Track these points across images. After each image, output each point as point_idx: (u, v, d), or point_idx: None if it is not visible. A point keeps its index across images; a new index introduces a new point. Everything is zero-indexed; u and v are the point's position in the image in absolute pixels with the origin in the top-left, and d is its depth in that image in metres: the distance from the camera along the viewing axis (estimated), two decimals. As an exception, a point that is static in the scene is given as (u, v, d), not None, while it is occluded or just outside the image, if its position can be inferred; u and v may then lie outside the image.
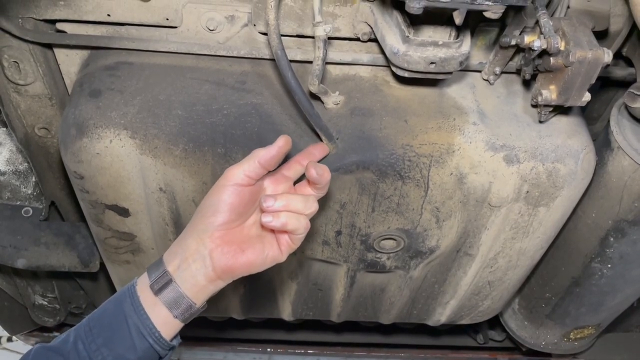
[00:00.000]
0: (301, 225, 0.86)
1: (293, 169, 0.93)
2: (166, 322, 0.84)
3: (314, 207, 0.88)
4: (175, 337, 0.87)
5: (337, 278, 1.33)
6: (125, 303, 0.83)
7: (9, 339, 2.09)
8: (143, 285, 0.84)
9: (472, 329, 2.06)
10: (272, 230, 0.89)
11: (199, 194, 1.06)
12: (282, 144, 0.84)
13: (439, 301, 1.43)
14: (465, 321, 1.53)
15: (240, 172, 0.84)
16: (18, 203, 1.45)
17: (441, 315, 1.49)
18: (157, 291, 0.83)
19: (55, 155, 1.28)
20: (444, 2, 0.78)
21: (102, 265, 1.45)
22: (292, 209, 0.85)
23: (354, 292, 1.38)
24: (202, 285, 0.85)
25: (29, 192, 1.46)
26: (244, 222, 0.88)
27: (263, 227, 0.88)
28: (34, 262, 1.44)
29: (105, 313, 0.85)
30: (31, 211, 1.44)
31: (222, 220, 0.84)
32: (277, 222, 0.84)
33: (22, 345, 1.99)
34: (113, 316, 0.84)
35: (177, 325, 0.85)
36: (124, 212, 1.09)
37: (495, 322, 1.81)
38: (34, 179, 1.45)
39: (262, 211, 0.85)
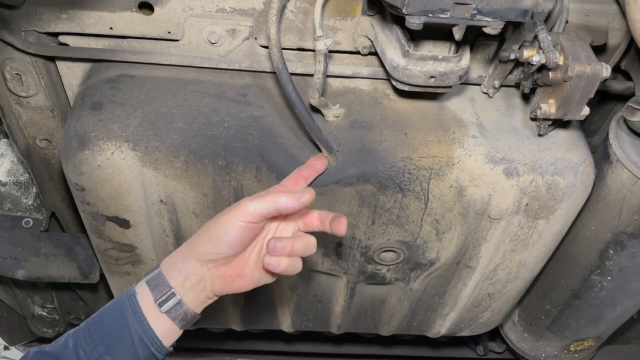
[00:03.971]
0: (296, 268, 0.91)
1: (299, 185, 0.95)
2: (169, 333, 0.87)
3: (312, 251, 0.92)
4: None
5: (337, 290, 1.32)
6: (127, 312, 0.85)
7: (6, 347, 2.08)
8: (145, 297, 0.85)
9: (472, 341, 2.05)
10: None
11: (199, 206, 1.07)
12: (307, 200, 0.85)
13: (439, 313, 1.43)
14: (465, 333, 1.53)
15: (257, 212, 0.84)
16: (19, 214, 1.45)
17: (441, 327, 1.49)
18: (164, 307, 0.85)
19: (56, 166, 1.28)
20: (443, 18, 0.78)
21: (102, 277, 1.45)
22: (293, 254, 0.89)
23: (353, 304, 1.38)
24: (202, 301, 0.90)
25: (30, 203, 1.46)
26: (247, 248, 0.91)
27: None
28: (33, 273, 1.44)
29: (105, 320, 0.86)
30: (31, 222, 1.44)
31: (229, 253, 0.86)
32: (278, 268, 0.88)
33: (19, 354, 1.99)
34: (114, 325, 0.85)
35: (178, 333, 0.89)
36: (124, 224, 1.10)
37: (495, 334, 1.80)
38: (34, 190, 1.45)
39: (267, 251, 0.88)
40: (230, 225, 0.84)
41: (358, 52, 1.06)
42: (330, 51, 0.95)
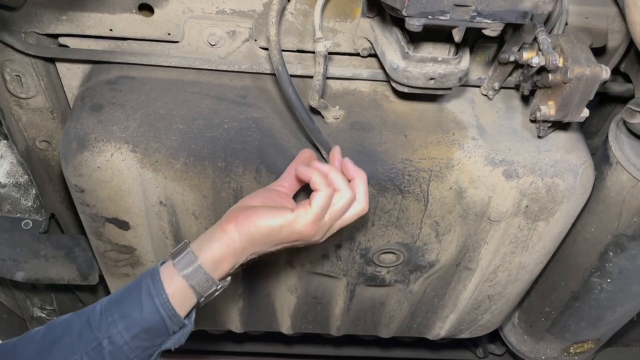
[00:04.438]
0: (326, 191, 0.84)
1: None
2: (180, 292, 0.83)
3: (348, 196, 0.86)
4: (187, 316, 0.86)
5: (336, 292, 1.32)
6: (146, 272, 0.85)
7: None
8: (167, 261, 0.85)
9: (471, 343, 2.05)
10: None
11: (199, 208, 1.06)
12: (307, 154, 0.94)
13: (439, 315, 1.42)
14: (465, 335, 1.52)
15: (285, 181, 0.93)
16: (18, 215, 1.45)
17: (441, 329, 1.49)
18: (176, 262, 0.83)
19: (56, 168, 1.28)
20: (443, 19, 0.78)
21: (101, 278, 1.45)
22: (361, 188, 0.88)
23: (353, 306, 1.37)
24: (216, 251, 0.84)
25: (29, 204, 1.46)
26: None
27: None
28: (33, 275, 1.44)
29: (130, 283, 0.86)
30: (31, 224, 1.44)
31: (252, 202, 0.87)
32: (307, 171, 0.85)
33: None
34: (133, 283, 0.85)
35: (190, 298, 0.84)
36: (124, 225, 1.10)
37: (495, 336, 1.80)
38: (34, 192, 1.45)
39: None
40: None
41: (358, 54, 1.06)
42: (330, 53, 0.96)
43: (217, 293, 0.87)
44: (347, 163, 0.90)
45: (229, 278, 0.89)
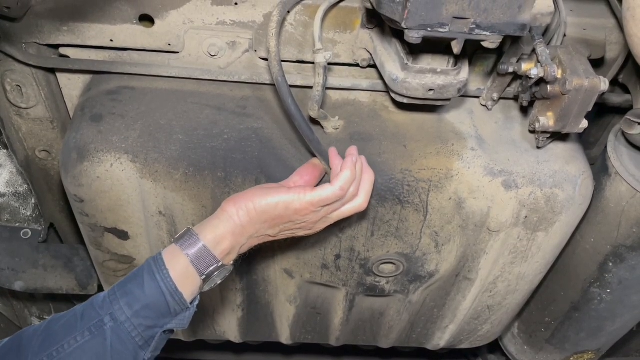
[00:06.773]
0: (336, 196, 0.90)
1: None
2: (182, 269, 0.84)
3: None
4: (192, 301, 0.87)
5: (336, 302, 1.32)
6: (150, 257, 0.86)
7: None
8: (170, 245, 0.88)
9: (471, 353, 2.04)
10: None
11: (198, 218, 1.06)
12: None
13: (438, 325, 1.42)
14: (464, 345, 1.52)
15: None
16: (17, 225, 1.45)
17: (440, 339, 1.48)
18: (178, 242, 0.86)
19: (56, 177, 1.28)
20: (442, 32, 0.79)
21: (100, 288, 1.44)
22: (365, 186, 0.93)
23: (352, 316, 1.37)
24: (216, 228, 0.87)
25: (29, 214, 1.46)
26: None
27: None
28: (31, 285, 1.43)
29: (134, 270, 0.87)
30: (30, 233, 1.44)
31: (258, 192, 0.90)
32: (338, 160, 0.93)
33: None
34: (137, 269, 0.86)
35: (193, 276, 0.85)
36: (123, 235, 1.09)
37: (494, 346, 1.79)
38: (33, 201, 1.45)
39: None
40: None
41: (357, 65, 1.06)
42: (329, 64, 0.96)
43: (219, 278, 0.89)
44: (363, 160, 0.95)
45: (231, 265, 0.90)
